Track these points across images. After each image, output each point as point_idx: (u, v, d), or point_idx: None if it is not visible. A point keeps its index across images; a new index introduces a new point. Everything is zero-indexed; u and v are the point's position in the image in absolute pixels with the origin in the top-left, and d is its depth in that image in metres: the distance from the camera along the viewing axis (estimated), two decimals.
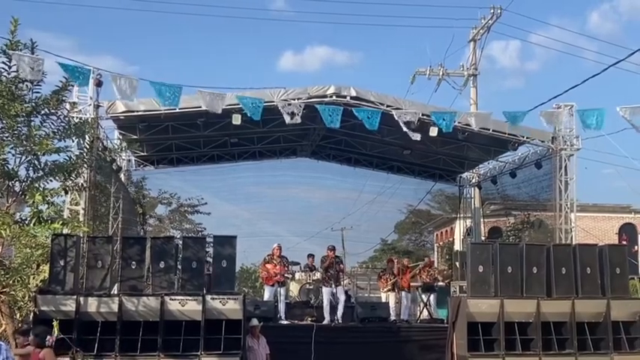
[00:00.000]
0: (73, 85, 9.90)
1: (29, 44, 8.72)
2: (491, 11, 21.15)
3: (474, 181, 20.82)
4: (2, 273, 8.49)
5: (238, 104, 12.63)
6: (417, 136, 13.28)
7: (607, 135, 14.52)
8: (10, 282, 8.60)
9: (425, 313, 15.12)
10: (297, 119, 12.57)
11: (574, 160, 15.77)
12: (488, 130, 15.22)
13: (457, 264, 15.43)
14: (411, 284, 15.31)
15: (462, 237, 22.80)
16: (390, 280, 15.51)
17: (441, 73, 22.21)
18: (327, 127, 13.32)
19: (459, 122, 14.77)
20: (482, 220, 21.00)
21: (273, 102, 13.12)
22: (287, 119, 12.56)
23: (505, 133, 15.49)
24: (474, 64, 22.04)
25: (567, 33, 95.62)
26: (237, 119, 13.33)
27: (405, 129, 13.13)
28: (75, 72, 9.94)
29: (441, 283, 15.80)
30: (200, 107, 12.93)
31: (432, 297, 15.51)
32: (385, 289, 15.54)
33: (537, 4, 71.03)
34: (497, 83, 73.70)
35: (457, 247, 23.87)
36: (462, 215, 22.13)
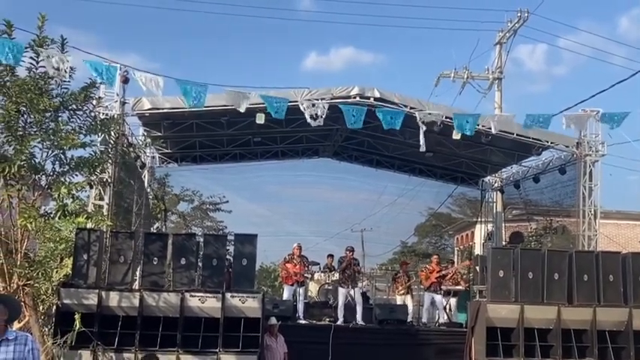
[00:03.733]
0: (101, 83, 10.02)
1: (58, 40, 8.84)
2: (518, 14, 20.97)
3: (496, 185, 20.67)
4: (27, 266, 8.63)
5: (262, 103, 12.67)
6: (423, 148, 13.08)
7: (633, 142, 14.36)
8: (34, 275, 8.74)
9: (444, 316, 15.06)
10: (320, 122, 12.53)
11: (599, 166, 15.57)
12: (512, 134, 15.11)
13: (477, 268, 15.34)
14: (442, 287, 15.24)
15: (482, 241, 22.66)
16: (405, 282, 15.48)
17: (465, 76, 22.06)
18: (350, 127, 13.26)
19: (482, 125, 14.67)
20: (503, 224, 20.84)
21: (296, 102, 13.14)
22: (310, 122, 12.53)
23: (529, 138, 15.36)
24: (499, 67, 21.87)
25: (595, 37, 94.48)
26: (260, 118, 13.36)
27: (422, 132, 12.97)
28: (102, 70, 10.01)
29: (460, 287, 15.72)
30: (224, 105, 12.99)
31: (452, 301, 15.44)
32: (400, 292, 15.50)
33: (565, 8, 70.34)
34: (522, 87, 73.13)
35: (477, 251, 23.73)
36: (483, 219, 21.98)
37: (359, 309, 13.92)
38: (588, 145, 15.39)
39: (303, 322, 13.75)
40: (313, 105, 12.47)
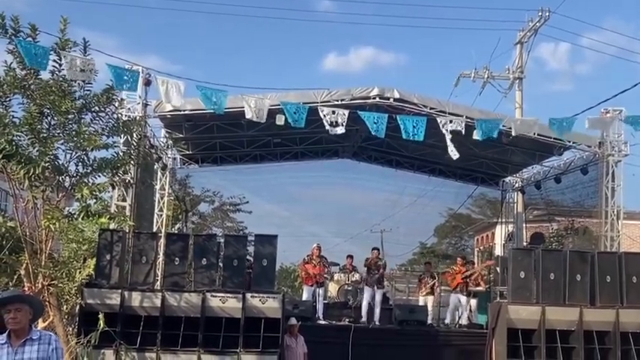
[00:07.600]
0: (121, 90, 10.09)
1: (80, 43, 8.92)
2: (540, 13, 20.80)
3: (517, 185, 20.50)
4: (51, 266, 8.75)
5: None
6: (455, 154, 12.95)
7: None
8: (58, 275, 8.86)
9: (465, 317, 14.99)
10: (341, 129, 12.51)
11: (622, 167, 15.37)
12: (533, 134, 14.99)
13: (498, 269, 15.26)
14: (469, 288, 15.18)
15: (502, 242, 22.51)
16: (429, 283, 15.44)
17: (486, 76, 21.90)
18: (374, 134, 13.17)
19: (503, 125, 14.58)
20: (524, 225, 20.68)
21: (316, 103, 13.17)
22: (330, 130, 12.50)
23: (550, 138, 15.20)
24: (520, 67, 21.70)
25: (619, 36, 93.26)
26: (280, 119, 13.40)
27: (448, 140, 12.85)
28: (124, 75, 10.06)
29: (481, 288, 15.63)
30: (244, 107, 13.06)
31: (472, 302, 15.36)
32: (425, 293, 15.47)
33: (588, 7, 69.63)
34: (544, 86, 72.46)
35: (498, 252, 23.58)
36: (503, 220, 21.83)
37: (377, 310, 13.92)
38: (611, 145, 15.20)
39: (322, 322, 13.78)
40: (333, 112, 12.43)
